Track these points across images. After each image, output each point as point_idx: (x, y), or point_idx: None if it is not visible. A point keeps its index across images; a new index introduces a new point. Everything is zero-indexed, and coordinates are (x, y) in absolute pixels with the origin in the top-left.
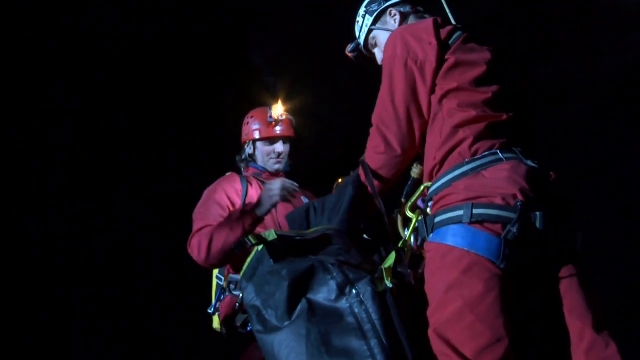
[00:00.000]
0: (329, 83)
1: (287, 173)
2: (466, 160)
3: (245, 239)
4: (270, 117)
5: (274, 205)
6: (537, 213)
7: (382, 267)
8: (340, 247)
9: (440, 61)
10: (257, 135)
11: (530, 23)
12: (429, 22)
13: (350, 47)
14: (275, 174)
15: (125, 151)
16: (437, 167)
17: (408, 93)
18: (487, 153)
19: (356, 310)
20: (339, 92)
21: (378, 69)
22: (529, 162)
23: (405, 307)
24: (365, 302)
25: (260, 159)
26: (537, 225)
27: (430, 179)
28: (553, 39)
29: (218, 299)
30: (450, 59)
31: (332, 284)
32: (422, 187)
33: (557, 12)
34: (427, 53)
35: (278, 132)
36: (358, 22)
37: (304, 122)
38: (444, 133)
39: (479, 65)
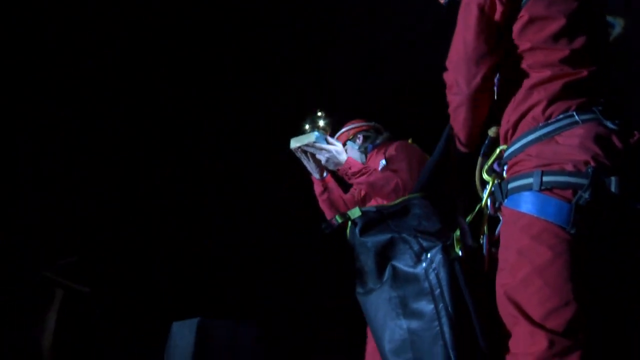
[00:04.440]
0: None
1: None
2: (540, 124)
3: (333, 219)
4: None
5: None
6: (612, 178)
7: (454, 234)
8: (420, 214)
9: (513, 10)
10: None
11: None
12: None
13: None
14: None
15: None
16: (511, 131)
17: (479, 33)
18: (562, 116)
19: (430, 276)
20: None
21: None
22: (609, 124)
23: (477, 271)
24: (437, 268)
25: None
26: (613, 190)
27: (505, 142)
28: None
29: None
30: (524, 16)
31: (411, 252)
32: (497, 150)
33: None
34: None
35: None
36: None
37: None
38: (518, 95)
39: (557, 19)
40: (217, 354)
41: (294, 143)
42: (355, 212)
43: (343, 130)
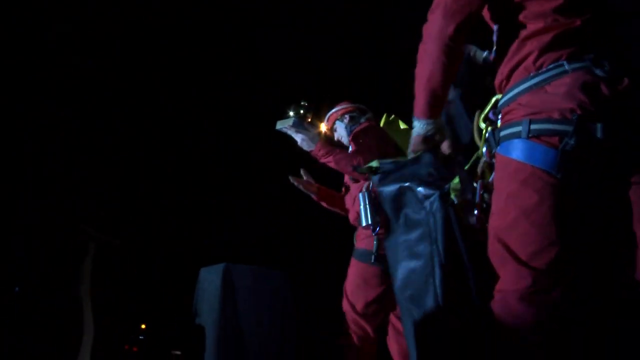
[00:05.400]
0: None
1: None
2: (531, 74)
3: (357, 167)
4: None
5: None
6: (598, 124)
7: (451, 183)
8: (429, 163)
9: None
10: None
11: None
12: None
13: None
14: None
15: None
16: (505, 81)
17: None
18: (552, 66)
19: (430, 221)
20: None
21: None
22: (598, 71)
23: (470, 216)
24: (435, 214)
25: None
26: (598, 135)
27: (500, 91)
28: None
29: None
30: None
31: (416, 200)
32: (493, 100)
33: None
34: None
35: None
36: None
37: None
38: (512, 47)
39: None
40: (242, 296)
41: (278, 125)
42: (373, 164)
43: (332, 111)
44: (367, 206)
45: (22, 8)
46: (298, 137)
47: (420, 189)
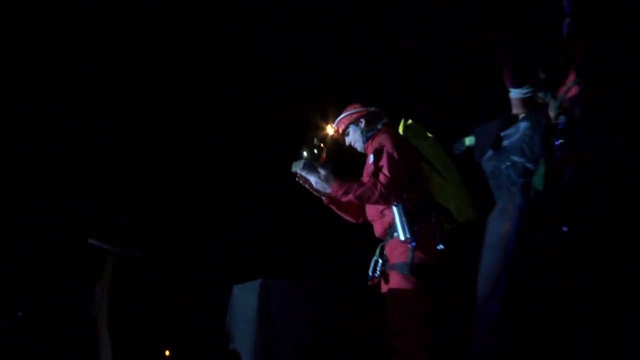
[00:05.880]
0: None
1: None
2: None
3: (456, 145)
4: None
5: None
6: None
7: (534, 177)
8: (526, 134)
9: None
10: None
11: None
12: None
13: None
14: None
15: None
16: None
17: None
18: None
19: (509, 209)
20: None
21: None
22: None
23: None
24: (515, 204)
25: None
26: None
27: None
28: None
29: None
30: None
31: (506, 185)
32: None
33: None
34: None
35: None
36: None
37: None
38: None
39: None
40: (280, 313)
41: (293, 167)
42: (470, 139)
43: (345, 114)
44: (404, 218)
45: (22, 8)
46: (312, 179)
47: (509, 172)
